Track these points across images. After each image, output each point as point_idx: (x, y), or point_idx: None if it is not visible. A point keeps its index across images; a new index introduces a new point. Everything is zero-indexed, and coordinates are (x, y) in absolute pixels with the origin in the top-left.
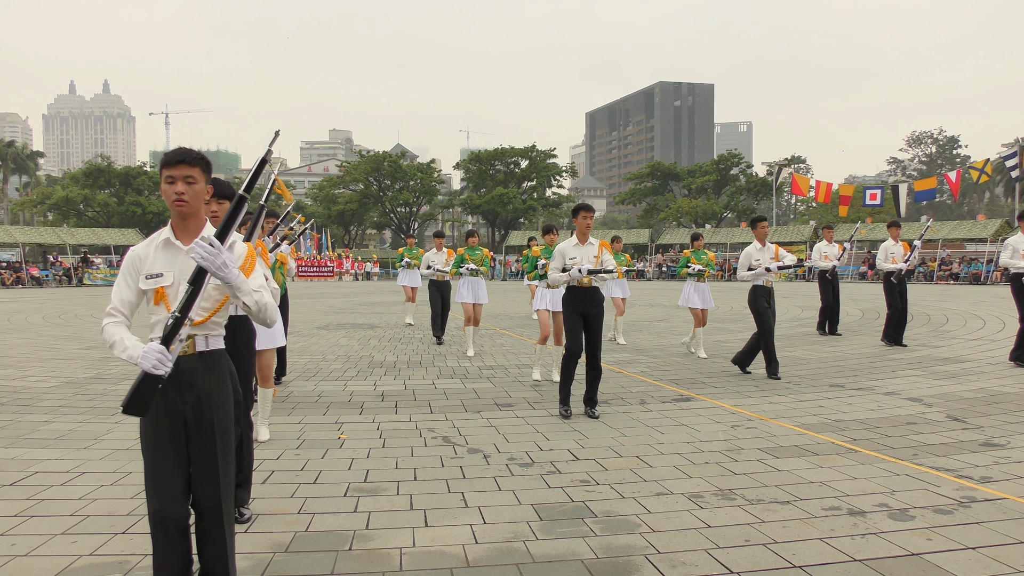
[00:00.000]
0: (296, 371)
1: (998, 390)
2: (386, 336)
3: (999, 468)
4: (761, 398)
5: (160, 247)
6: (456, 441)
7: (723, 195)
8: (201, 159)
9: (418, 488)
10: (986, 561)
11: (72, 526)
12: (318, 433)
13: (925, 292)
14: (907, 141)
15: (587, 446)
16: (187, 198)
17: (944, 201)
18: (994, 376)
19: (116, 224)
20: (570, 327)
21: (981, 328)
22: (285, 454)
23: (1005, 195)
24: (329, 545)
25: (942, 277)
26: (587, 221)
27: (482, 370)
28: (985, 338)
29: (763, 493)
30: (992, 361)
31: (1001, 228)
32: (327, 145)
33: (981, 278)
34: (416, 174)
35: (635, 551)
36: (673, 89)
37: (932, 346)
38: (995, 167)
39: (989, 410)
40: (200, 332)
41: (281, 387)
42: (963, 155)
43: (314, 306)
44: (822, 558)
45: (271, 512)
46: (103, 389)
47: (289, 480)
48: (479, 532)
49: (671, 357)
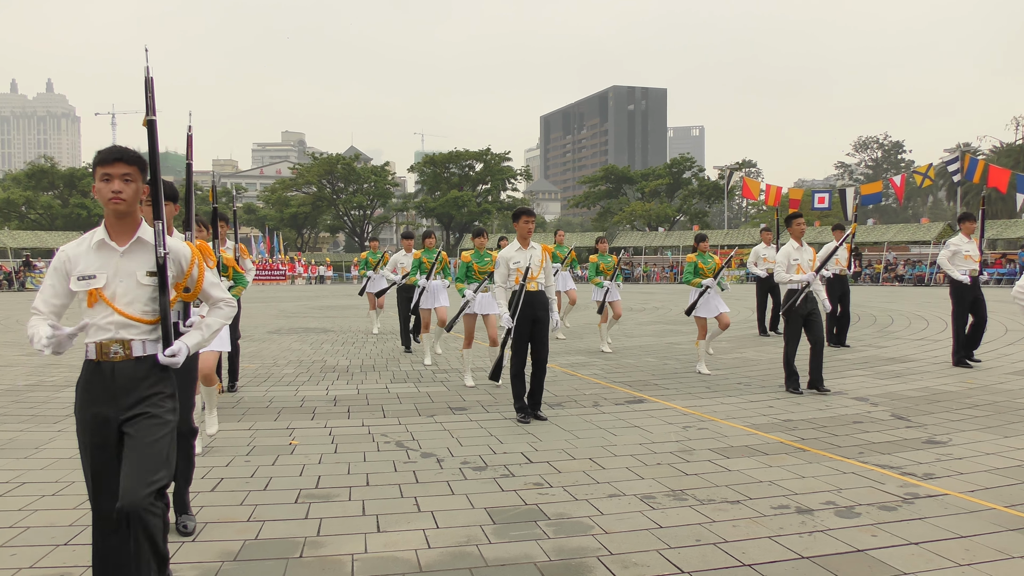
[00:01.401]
0: (247, 376)
1: (940, 389)
2: (339, 340)
3: (941, 465)
4: (712, 399)
5: (94, 248)
6: (409, 445)
7: (676, 198)
8: (139, 158)
9: (370, 493)
10: (928, 556)
11: (11, 538)
12: (269, 439)
13: (871, 294)
14: (854, 146)
15: (540, 449)
16: (124, 196)
17: (890, 205)
18: (937, 375)
19: (60, 227)
20: (517, 347)
21: (924, 328)
22: (235, 461)
23: (948, 199)
24: (279, 552)
25: (887, 279)
26: (528, 226)
27: (436, 374)
28: (928, 338)
29: (714, 493)
30: (935, 361)
31: (944, 231)
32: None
33: (925, 280)
34: (370, 177)
35: (588, 553)
36: (627, 93)
37: (878, 346)
38: (938, 172)
39: (932, 408)
40: (138, 337)
41: (232, 393)
42: (907, 160)
43: (266, 310)
44: (771, 556)
45: (220, 520)
46: (45, 396)
47: (239, 487)
48: (432, 537)
49: (624, 359)
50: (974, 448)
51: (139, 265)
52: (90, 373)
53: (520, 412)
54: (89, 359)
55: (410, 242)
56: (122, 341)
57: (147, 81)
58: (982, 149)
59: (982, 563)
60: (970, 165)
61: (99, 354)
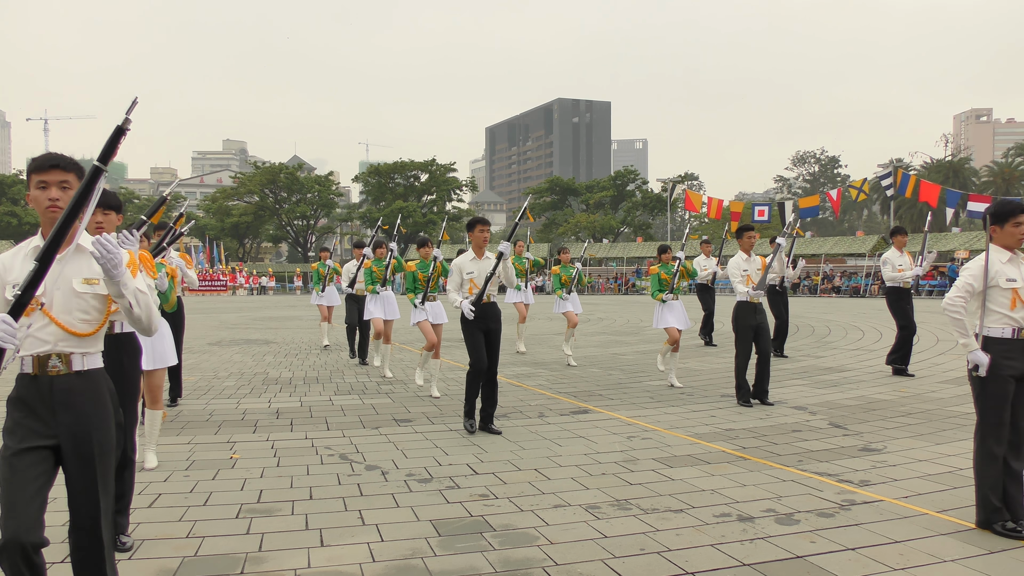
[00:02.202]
0: (187, 389)
1: (876, 397)
2: (282, 352)
3: (876, 472)
4: (656, 409)
5: (29, 256)
6: (353, 458)
7: (620, 210)
8: (76, 165)
9: (314, 507)
10: (864, 561)
11: None
12: (209, 453)
13: (809, 305)
14: (792, 160)
15: (486, 460)
16: (62, 204)
17: (827, 218)
18: (872, 384)
19: None
20: (473, 345)
21: (860, 339)
22: (173, 476)
23: (881, 212)
24: (219, 569)
25: (825, 290)
26: (484, 235)
27: (380, 385)
28: (864, 348)
29: (658, 502)
30: (871, 370)
31: (878, 244)
32: (220, 156)
33: (860, 291)
34: (314, 186)
35: (533, 564)
36: (571, 105)
37: (816, 356)
38: (872, 186)
39: (867, 416)
40: (78, 350)
41: (173, 408)
42: (843, 174)
43: (206, 321)
44: (713, 564)
45: (157, 537)
46: None
47: (177, 503)
48: (376, 550)
49: (569, 370)
50: (908, 455)
51: (76, 272)
52: (24, 387)
53: (467, 418)
54: (24, 372)
55: (361, 251)
56: (61, 354)
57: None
58: (914, 165)
59: (916, 567)
60: (902, 180)
61: (36, 368)
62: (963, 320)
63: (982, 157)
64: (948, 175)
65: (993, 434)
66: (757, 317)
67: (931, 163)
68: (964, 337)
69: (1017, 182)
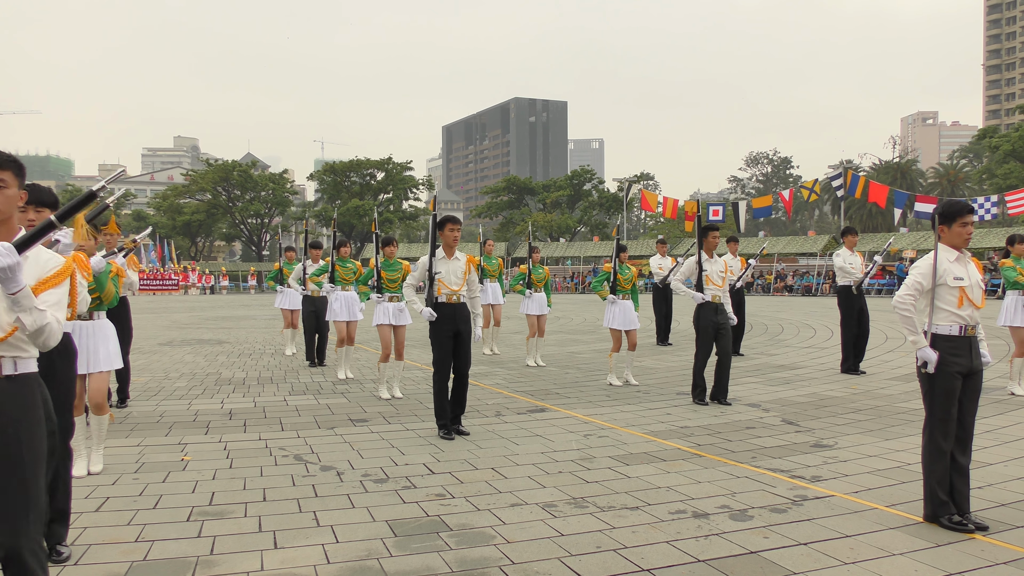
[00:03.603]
0: (136, 390)
1: (827, 394)
2: (235, 352)
3: (828, 467)
4: (613, 407)
5: None
6: (308, 459)
7: (577, 210)
8: (12, 161)
9: (267, 509)
10: (816, 555)
11: None
12: (159, 455)
13: (762, 303)
14: (745, 160)
15: (443, 459)
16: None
17: (779, 218)
18: (823, 381)
19: None
20: (441, 350)
21: (812, 337)
22: (122, 479)
23: (832, 212)
24: (170, 573)
25: (778, 289)
26: (454, 234)
27: (336, 385)
28: (815, 346)
29: (614, 500)
30: (822, 367)
31: (829, 243)
32: (171, 152)
33: (812, 290)
34: (268, 184)
35: (490, 563)
36: (528, 105)
37: (769, 354)
38: (823, 187)
39: (819, 413)
40: (7, 354)
41: (121, 410)
42: (795, 175)
43: (156, 321)
44: (669, 560)
45: (105, 542)
46: None
47: (126, 507)
48: (331, 551)
49: (526, 369)
50: (858, 451)
51: None
52: None
53: (443, 428)
54: None
55: (318, 252)
56: None
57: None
58: (863, 166)
59: (866, 561)
60: (852, 181)
61: None
62: (913, 318)
63: (928, 159)
64: (896, 176)
65: (941, 429)
66: (718, 317)
67: (880, 164)
68: (913, 335)
69: (962, 183)
